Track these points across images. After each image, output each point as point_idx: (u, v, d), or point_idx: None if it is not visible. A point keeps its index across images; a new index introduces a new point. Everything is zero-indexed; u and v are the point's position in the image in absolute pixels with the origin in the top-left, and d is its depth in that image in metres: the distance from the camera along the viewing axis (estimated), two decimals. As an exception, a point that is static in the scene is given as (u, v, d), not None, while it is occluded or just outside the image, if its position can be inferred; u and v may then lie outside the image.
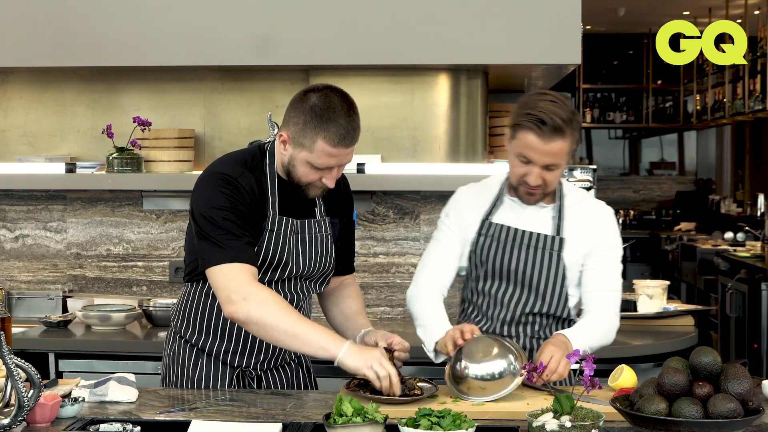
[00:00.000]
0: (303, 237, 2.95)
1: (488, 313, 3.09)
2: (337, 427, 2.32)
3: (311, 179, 2.86)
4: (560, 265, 3.03)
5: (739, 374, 2.34)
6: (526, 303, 3.05)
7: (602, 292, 3.06)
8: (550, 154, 2.89)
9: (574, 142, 2.94)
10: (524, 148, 2.91)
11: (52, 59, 4.33)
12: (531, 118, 2.88)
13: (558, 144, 2.88)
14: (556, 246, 3.02)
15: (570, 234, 3.03)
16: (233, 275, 2.76)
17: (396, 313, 4.54)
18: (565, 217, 3.04)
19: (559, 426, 2.26)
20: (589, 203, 3.12)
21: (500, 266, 3.05)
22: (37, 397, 2.43)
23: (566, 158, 2.95)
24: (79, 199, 4.66)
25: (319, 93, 2.82)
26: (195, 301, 3.01)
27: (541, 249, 3.03)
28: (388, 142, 4.44)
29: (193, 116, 4.61)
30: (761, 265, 7.08)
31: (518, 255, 3.04)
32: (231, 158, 2.95)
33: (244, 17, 4.22)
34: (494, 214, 3.08)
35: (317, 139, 2.78)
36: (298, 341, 2.75)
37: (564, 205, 3.06)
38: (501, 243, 3.05)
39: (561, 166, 2.95)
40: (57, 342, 4.06)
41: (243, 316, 2.74)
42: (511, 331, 3.06)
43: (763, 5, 8.99)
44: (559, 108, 2.88)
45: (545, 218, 3.06)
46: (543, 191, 2.99)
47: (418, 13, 4.17)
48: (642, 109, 11.95)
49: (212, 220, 2.80)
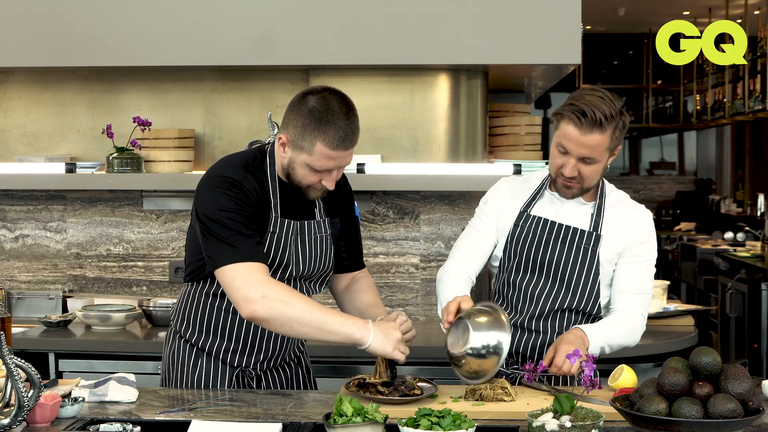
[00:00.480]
0: (303, 238, 2.95)
1: (518, 306, 3.07)
2: (337, 427, 2.32)
3: (311, 181, 2.86)
4: (595, 261, 3.02)
5: (739, 374, 2.34)
6: (556, 297, 3.04)
7: (631, 293, 3.04)
8: (586, 147, 2.90)
9: (615, 141, 2.93)
10: (563, 138, 2.93)
11: (52, 59, 4.33)
12: (573, 109, 2.90)
13: (596, 138, 2.89)
14: (593, 242, 3.02)
15: (607, 232, 3.03)
16: (249, 275, 2.74)
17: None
18: (604, 215, 3.05)
19: (559, 426, 2.26)
20: (629, 204, 3.11)
21: (534, 258, 3.05)
22: (37, 397, 2.43)
23: (605, 155, 2.94)
24: (79, 199, 4.66)
25: (318, 95, 2.81)
26: (195, 301, 3.01)
27: (576, 243, 3.02)
28: (388, 142, 4.44)
29: (193, 116, 4.61)
30: (761, 265, 7.08)
31: (553, 248, 3.03)
32: (232, 161, 2.93)
33: (244, 17, 4.22)
34: (533, 206, 3.09)
35: (316, 142, 2.78)
36: (324, 333, 2.74)
37: (604, 204, 3.06)
38: (537, 235, 3.05)
39: (599, 162, 2.94)
40: (57, 342, 4.06)
41: (265, 314, 2.71)
42: (539, 326, 3.05)
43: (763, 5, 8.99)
44: (605, 104, 2.89)
45: (584, 214, 3.06)
46: (580, 186, 2.98)
47: (418, 13, 4.17)
48: (642, 109, 11.95)
49: (219, 222, 2.78)
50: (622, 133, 2.97)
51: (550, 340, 3.03)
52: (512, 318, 3.06)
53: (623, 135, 2.98)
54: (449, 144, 4.44)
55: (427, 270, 4.53)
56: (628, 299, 3.04)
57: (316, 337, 2.78)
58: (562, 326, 3.04)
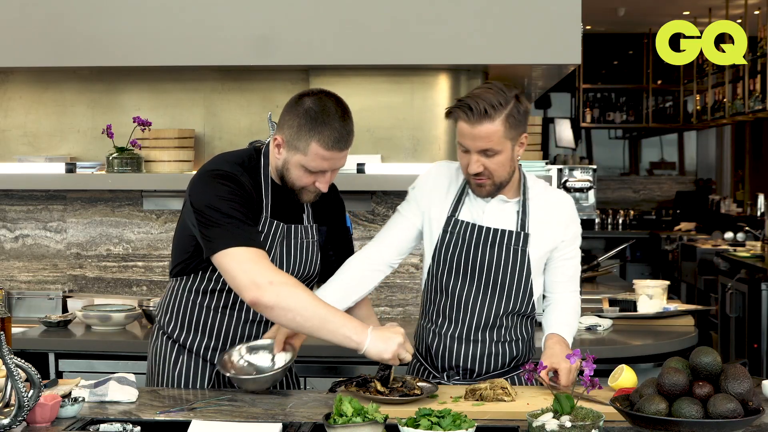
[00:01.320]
0: (289, 242, 2.96)
1: (452, 316, 3.04)
2: (337, 427, 2.32)
3: (305, 183, 2.87)
4: (525, 261, 3.01)
5: (739, 374, 2.34)
6: (491, 304, 3.01)
7: (567, 282, 3.10)
8: (480, 138, 2.86)
9: (513, 129, 2.88)
10: (459, 136, 2.92)
11: (52, 59, 4.33)
12: (460, 104, 2.89)
13: (486, 128, 2.85)
14: (521, 242, 3.00)
15: (534, 228, 3.02)
16: (255, 259, 2.73)
17: (396, 313, 4.54)
18: (529, 211, 3.03)
19: (559, 426, 2.26)
20: (549, 193, 3.09)
21: (465, 264, 3.01)
22: (37, 397, 2.43)
23: (506, 144, 2.89)
24: (79, 199, 4.66)
25: (314, 97, 2.84)
26: (179, 297, 3.01)
27: (506, 246, 3.00)
28: (388, 142, 4.44)
29: (193, 116, 4.61)
30: (761, 265, 7.08)
31: (483, 252, 3.00)
32: (226, 158, 2.95)
33: (244, 17, 4.22)
34: (460, 210, 3.04)
35: (311, 142, 2.80)
36: (324, 330, 2.72)
37: (528, 199, 3.04)
38: (467, 241, 3.01)
39: (501, 153, 2.89)
40: (57, 342, 4.06)
41: (271, 300, 2.69)
42: (478, 336, 3.02)
43: (763, 5, 8.99)
44: (491, 94, 2.87)
45: (510, 213, 3.03)
46: (491, 182, 2.94)
47: (419, 13, 4.17)
48: (642, 109, 11.95)
49: (219, 210, 2.78)
50: (520, 121, 2.91)
51: (489, 350, 3.02)
52: (450, 330, 3.04)
53: (523, 123, 2.93)
54: (449, 144, 4.44)
55: (427, 270, 4.53)
56: (565, 287, 3.11)
57: (314, 333, 2.76)
58: (501, 334, 3.03)
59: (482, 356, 3.01)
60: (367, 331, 2.72)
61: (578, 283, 3.16)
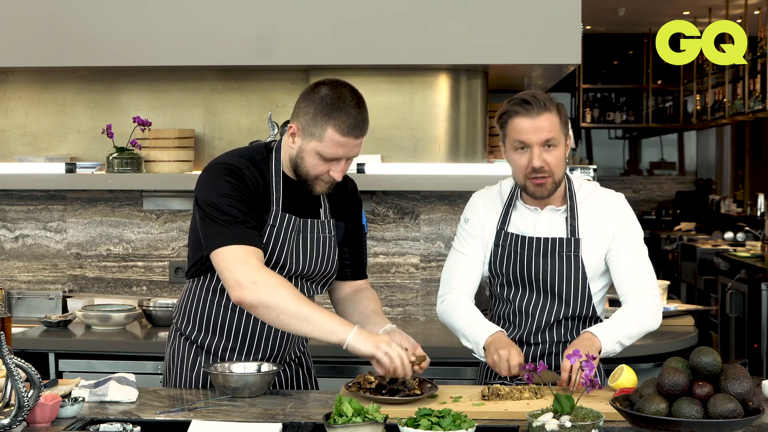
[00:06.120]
0: (305, 236, 2.95)
1: (515, 321, 3.08)
2: (337, 427, 2.32)
3: (319, 171, 2.87)
4: (579, 266, 3.01)
5: (739, 374, 2.34)
6: (551, 311, 3.04)
7: (632, 280, 3.02)
8: (543, 129, 2.91)
9: (564, 121, 2.96)
10: (517, 134, 2.94)
11: (52, 59, 4.33)
12: (515, 101, 2.96)
13: (547, 117, 2.92)
14: (573, 248, 3.01)
15: (585, 232, 3.02)
16: (242, 259, 2.76)
17: (396, 312, 4.54)
18: (578, 216, 3.03)
19: (559, 426, 2.26)
20: (599, 194, 3.09)
21: (521, 275, 3.04)
22: (37, 397, 2.43)
23: (562, 138, 2.95)
24: (79, 199, 4.66)
25: (330, 85, 2.86)
26: (196, 297, 3.01)
27: (558, 254, 3.01)
28: (388, 142, 4.44)
29: (193, 116, 4.61)
30: (761, 265, 7.08)
31: (536, 263, 3.02)
32: (235, 152, 2.98)
33: (244, 17, 4.23)
34: (509, 223, 3.07)
35: (327, 127, 2.81)
36: (309, 325, 2.74)
37: (576, 204, 3.05)
38: (519, 253, 3.04)
39: (559, 146, 2.94)
40: (57, 342, 4.06)
41: (254, 300, 2.73)
42: (537, 338, 3.05)
43: (763, 5, 8.99)
44: (538, 93, 2.97)
45: (559, 220, 3.04)
46: (552, 179, 2.96)
47: (418, 13, 4.17)
48: (642, 109, 11.95)
49: (217, 206, 2.81)
50: (567, 117, 3.01)
51: (549, 349, 3.06)
52: (512, 334, 3.07)
53: (567, 124, 3.01)
54: (449, 144, 4.44)
55: (427, 270, 4.53)
56: (632, 286, 3.02)
57: (299, 330, 2.78)
58: (560, 335, 3.06)
59: (543, 355, 3.05)
60: (352, 327, 2.74)
61: (651, 281, 3.05)
